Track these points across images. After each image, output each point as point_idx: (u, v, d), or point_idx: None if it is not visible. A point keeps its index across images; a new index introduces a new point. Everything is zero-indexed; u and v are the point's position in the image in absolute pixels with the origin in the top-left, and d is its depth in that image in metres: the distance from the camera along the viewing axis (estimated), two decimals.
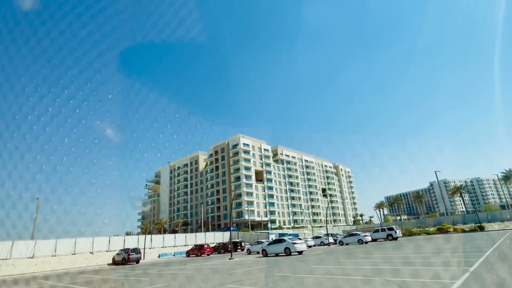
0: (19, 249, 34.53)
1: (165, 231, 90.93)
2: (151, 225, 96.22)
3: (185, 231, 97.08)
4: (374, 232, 39.03)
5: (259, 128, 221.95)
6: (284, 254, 25.39)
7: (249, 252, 35.09)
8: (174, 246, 48.87)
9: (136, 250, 34.14)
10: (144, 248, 40.00)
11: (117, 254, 35.56)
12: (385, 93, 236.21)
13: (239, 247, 44.68)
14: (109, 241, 41.89)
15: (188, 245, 49.60)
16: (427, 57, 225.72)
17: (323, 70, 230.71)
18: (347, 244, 37.14)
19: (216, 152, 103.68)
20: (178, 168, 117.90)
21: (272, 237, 50.69)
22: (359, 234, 36.41)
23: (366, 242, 35.56)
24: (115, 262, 34.88)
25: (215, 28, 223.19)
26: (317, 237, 43.06)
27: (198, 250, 40.38)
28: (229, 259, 26.61)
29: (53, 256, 36.46)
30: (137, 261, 34.06)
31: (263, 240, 35.03)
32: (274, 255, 26.64)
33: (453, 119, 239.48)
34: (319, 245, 41.28)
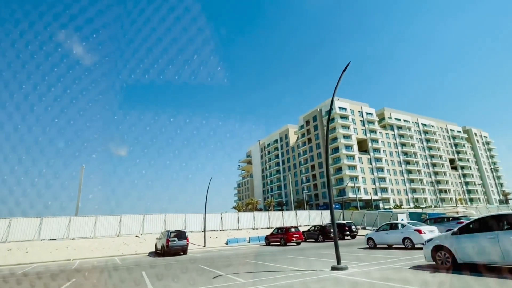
0: (49, 228, 25.45)
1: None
2: (243, 205, 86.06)
3: (280, 211, 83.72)
4: None
5: (358, 92, 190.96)
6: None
7: (373, 244, 17.13)
8: (253, 229, 34.40)
9: (179, 235, 20.44)
10: (205, 231, 26.33)
11: (157, 238, 22.87)
12: None
13: (348, 232, 26.81)
14: (165, 220, 29.98)
15: (272, 227, 34.44)
16: None
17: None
18: None
19: (307, 122, 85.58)
20: (268, 145, 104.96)
21: (402, 217, 30.52)
22: None
23: None
24: (157, 251, 22.28)
25: None
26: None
27: (282, 236, 24.30)
28: (333, 268, 9.45)
29: (91, 238, 26.41)
30: (184, 250, 20.49)
31: (404, 223, 16.21)
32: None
33: None
34: None
